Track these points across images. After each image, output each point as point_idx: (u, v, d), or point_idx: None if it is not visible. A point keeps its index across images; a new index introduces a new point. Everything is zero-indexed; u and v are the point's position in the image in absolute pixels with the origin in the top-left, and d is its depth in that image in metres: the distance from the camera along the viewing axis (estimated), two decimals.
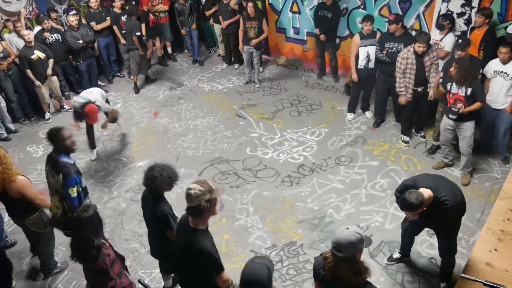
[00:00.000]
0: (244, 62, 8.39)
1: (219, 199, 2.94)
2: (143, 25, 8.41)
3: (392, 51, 6.04)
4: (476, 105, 4.93)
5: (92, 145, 6.63)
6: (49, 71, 7.54)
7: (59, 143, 3.99)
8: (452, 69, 4.92)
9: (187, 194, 2.82)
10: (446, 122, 5.27)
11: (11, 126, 7.51)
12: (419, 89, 5.83)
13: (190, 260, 2.95)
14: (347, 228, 2.57)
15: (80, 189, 4.01)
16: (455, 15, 6.25)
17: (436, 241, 4.58)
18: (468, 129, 5.13)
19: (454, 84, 5.00)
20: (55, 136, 3.99)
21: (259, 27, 7.62)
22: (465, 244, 4.57)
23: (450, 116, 5.09)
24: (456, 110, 4.97)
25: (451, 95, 5.06)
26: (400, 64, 5.73)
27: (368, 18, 6.29)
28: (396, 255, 4.48)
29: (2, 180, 3.86)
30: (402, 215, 4.93)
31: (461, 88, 4.93)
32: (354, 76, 6.66)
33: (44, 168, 4.13)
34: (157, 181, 3.46)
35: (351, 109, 7.11)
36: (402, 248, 4.42)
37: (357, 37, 6.44)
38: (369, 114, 7.07)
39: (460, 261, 4.36)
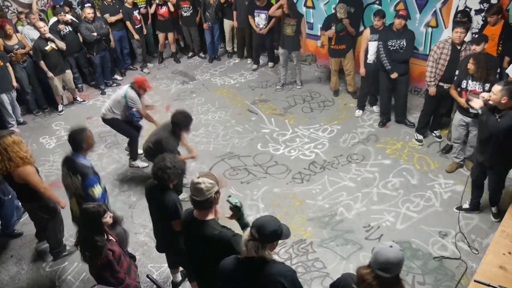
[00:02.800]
0: (280, 62, 8.08)
1: (222, 191, 2.96)
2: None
3: (395, 48, 5.94)
4: None
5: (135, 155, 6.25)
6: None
7: (82, 143, 3.99)
8: (470, 66, 4.81)
9: (197, 188, 2.78)
10: (460, 119, 5.19)
11: (20, 118, 7.59)
12: (445, 86, 5.61)
13: (211, 251, 2.89)
14: (391, 246, 2.34)
15: (100, 190, 4.02)
16: (473, 12, 6.13)
17: (448, 243, 4.54)
18: None
19: (470, 81, 4.91)
20: (79, 136, 3.99)
21: (298, 25, 7.41)
22: (478, 246, 4.49)
23: (474, 109, 4.95)
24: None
25: (467, 92, 4.96)
26: (434, 53, 5.55)
27: (378, 13, 6.22)
28: (466, 205, 4.93)
29: (5, 162, 3.95)
30: (414, 215, 4.90)
31: (479, 84, 4.85)
32: (362, 71, 6.59)
33: (61, 168, 4.11)
34: (170, 171, 3.49)
35: (360, 105, 7.05)
36: (472, 199, 4.87)
37: (367, 31, 6.36)
38: (376, 109, 7.03)
39: (472, 263, 4.29)
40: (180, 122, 4.98)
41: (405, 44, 5.85)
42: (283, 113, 7.24)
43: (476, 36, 5.34)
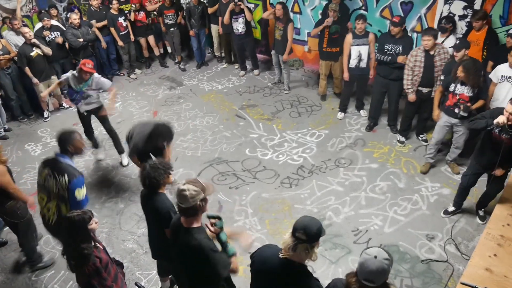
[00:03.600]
0: (273, 63, 8.25)
1: (210, 197, 2.93)
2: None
3: (391, 53, 6.01)
4: (480, 102, 5.04)
5: (95, 144, 6.57)
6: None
7: (71, 145, 3.94)
8: (459, 73, 4.89)
9: (182, 195, 2.77)
10: (445, 119, 5.28)
11: (5, 125, 7.51)
12: (424, 90, 5.77)
13: (192, 261, 2.90)
14: (376, 257, 2.35)
15: (85, 191, 3.95)
16: (456, 18, 6.23)
17: (435, 246, 4.58)
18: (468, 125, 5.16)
19: (459, 85, 5.01)
20: (69, 137, 3.95)
21: (284, 30, 7.46)
22: (464, 249, 4.53)
23: (462, 113, 5.06)
24: (467, 107, 5.00)
25: (455, 96, 5.07)
26: (409, 61, 5.69)
27: (361, 17, 6.30)
28: (451, 208, 5.00)
29: None
30: (401, 219, 4.94)
31: (467, 89, 4.96)
32: (346, 75, 6.67)
33: (40, 172, 3.97)
34: (156, 175, 3.48)
35: (342, 108, 7.14)
36: (458, 201, 4.92)
37: (349, 36, 6.44)
38: (363, 113, 7.09)
39: (459, 266, 4.33)
40: (163, 134, 4.91)
41: (401, 50, 5.89)
42: (271, 118, 7.26)
43: (458, 42, 5.44)
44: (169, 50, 9.99)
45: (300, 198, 5.43)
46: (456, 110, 5.08)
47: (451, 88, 5.09)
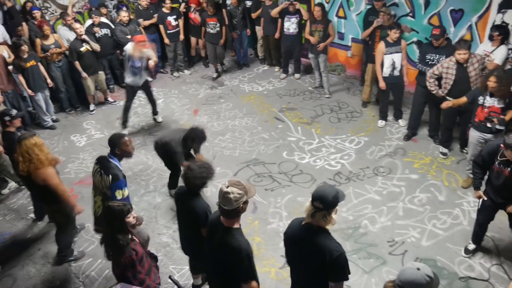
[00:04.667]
0: (313, 67, 8.22)
1: (252, 195, 2.98)
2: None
3: (433, 63, 5.85)
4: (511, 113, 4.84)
5: (125, 121, 7.30)
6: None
7: (121, 148, 4.05)
8: (491, 83, 4.71)
9: (226, 198, 2.79)
10: (478, 136, 5.08)
11: (53, 116, 7.83)
12: None
13: (225, 259, 2.93)
14: (418, 269, 2.34)
15: (127, 193, 4.06)
16: (510, 27, 5.98)
17: (475, 264, 4.41)
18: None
19: (488, 97, 4.83)
20: (117, 141, 4.06)
21: (325, 31, 7.46)
22: (508, 269, 4.34)
23: (498, 127, 4.85)
24: (502, 119, 4.79)
25: (485, 109, 4.89)
26: (436, 69, 5.57)
27: (397, 26, 6.25)
28: (471, 246, 4.55)
29: (26, 163, 4.09)
30: (440, 233, 4.79)
31: (497, 100, 4.78)
32: (382, 84, 6.55)
33: (93, 166, 4.16)
34: (201, 177, 3.57)
35: (383, 116, 7.02)
36: (476, 239, 4.50)
37: (382, 45, 6.35)
38: (402, 122, 6.93)
39: (500, 286, 4.15)
40: (195, 137, 5.21)
41: (444, 59, 5.73)
42: (310, 122, 7.22)
43: None
44: (202, 54, 9.90)
45: None
46: (489, 125, 4.88)
47: (480, 101, 4.91)
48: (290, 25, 8.18)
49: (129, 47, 6.77)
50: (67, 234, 4.71)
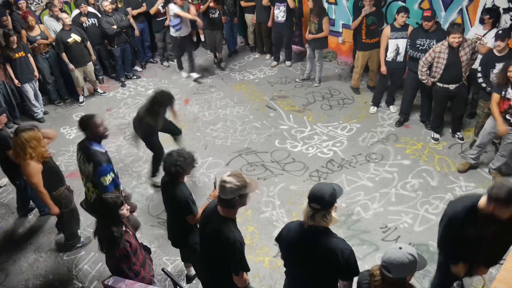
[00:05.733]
0: (307, 56, 8.11)
1: (254, 189, 2.91)
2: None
3: (424, 48, 5.82)
4: None
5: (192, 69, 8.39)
6: (94, 57, 7.83)
7: (92, 130, 3.93)
8: (511, 73, 4.63)
9: (222, 186, 2.77)
10: (493, 125, 5.01)
11: (42, 108, 7.72)
12: (451, 87, 5.59)
13: (217, 248, 2.92)
14: (400, 248, 2.39)
15: (114, 176, 4.00)
16: (501, 11, 5.95)
17: None
18: None
19: (509, 89, 4.75)
20: (87, 123, 3.93)
21: (319, 24, 7.37)
22: None
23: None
24: None
25: (506, 101, 4.82)
26: (429, 55, 5.53)
27: (405, 10, 6.11)
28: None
29: (18, 154, 4.03)
30: (432, 218, 4.81)
31: None
32: (383, 69, 6.49)
33: (76, 153, 4.12)
34: (181, 163, 3.51)
35: (375, 102, 6.99)
36: None
37: (387, 29, 6.27)
38: (393, 108, 6.92)
39: (492, 269, 4.18)
40: (160, 100, 5.16)
41: (435, 44, 5.68)
42: (302, 110, 7.19)
43: (500, 32, 5.19)
44: (202, 39, 9.98)
45: None
46: (508, 117, 4.82)
47: (502, 94, 4.83)
48: (279, 13, 8.09)
49: (173, 7, 7.79)
50: (70, 222, 4.66)
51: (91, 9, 8.19)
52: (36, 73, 7.25)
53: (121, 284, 3.22)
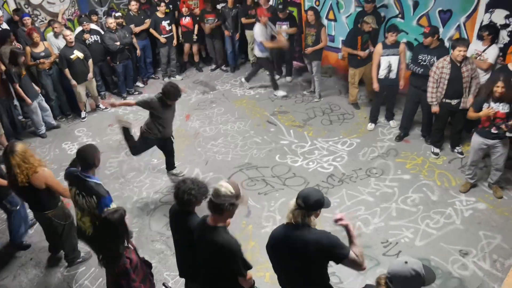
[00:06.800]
0: (309, 70, 8.22)
1: (241, 206, 2.98)
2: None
3: (425, 63, 5.88)
4: None
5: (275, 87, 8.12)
6: (90, 74, 7.83)
7: (94, 161, 3.82)
8: (498, 89, 4.68)
9: (216, 189, 2.84)
10: (481, 141, 5.06)
11: (53, 122, 7.79)
12: (453, 102, 5.64)
13: (215, 258, 2.92)
14: (406, 262, 2.41)
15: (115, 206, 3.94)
16: (499, 26, 6.03)
17: (468, 263, 4.41)
18: (506, 145, 4.99)
19: (492, 103, 4.81)
20: (90, 155, 3.81)
21: (317, 36, 7.49)
22: (500, 267, 4.36)
23: (508, 133, 4.84)
24: (509, 127, 4.76)
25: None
26: (434, 73, 5.57)
27: (394, 29, 6.24)
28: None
29: (24, 172, 4.00)
30: (433, 232, 4.81)
31: (503, 105, 4.76)
32: (376, 86, 6.57)
33: (70, 189, 3.94)
34: (195, 192, 3.24)
35: (372, 119, 7.02)
36: None
37: (379, 46, 6.37)
38: (393, 124, 6.95)
39: (494, 284, 4.17)
40: (166, 92, 5.25)
41: (435, 60, 5.74)
42: (302, 125, 7.23)
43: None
44: (203, 55, 10.11)
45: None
46: (494, 130, 4.87)
47: (485, 107, 4.88)
48: (282, 32, 8.21)
49: (258, 31, 7.74)
50: (70, 236, 4.63)
51: (94, 26, 8.31)
52: (37, 88, 7.32)
53: None
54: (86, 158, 3.80)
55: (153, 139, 5.58)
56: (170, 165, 6.13)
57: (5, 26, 7.63)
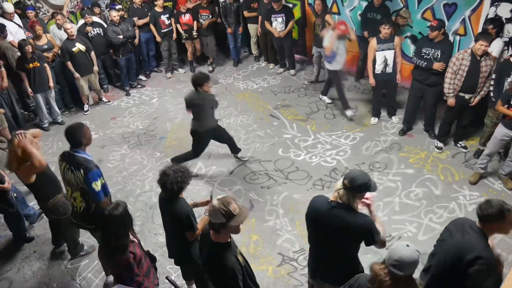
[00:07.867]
0: (313, 60, 8.24)
1: (240, 222, 2.77)
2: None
3: (429, 57, 5.84)
4: None
5: (345, 105, 7.12)
6: (96, 67, 7.85)
7: (83, 138, 3.89)
8: None
9: (210, 209, 2.74)
10: (504, 133, 5.02)
11: (59, 117, 7.81)
12: (466, 96, 5.56)
13: (212, 273, 2.94)
14: (408, 246, 2.44)
15: (104, 181, 3.92)
16: (504, 20, 5.98)
17: None
18: None
19: None
20: (78, 132, 3.88)
21: (323, 24, 7.43)
22: (503, 262, 4.34)
23: None
24: None
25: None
26: (453, 64, 5.46)
27: (386, 22, 6.18)
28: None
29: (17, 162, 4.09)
30: (436, 227, 4.80)
31: None
32: (372, 81, 6.53)
33: (59, 164, 3.99)
34: (177, 180, 3.39)
35: (376, 113, 6.99)
36: None
37: (374, 41, 6.31)
38: (395, 119, 6.91)
39: None
40: (197, 80, 5.35)
41: (439, 54, 5.70)
42: (305, 119, 7.21)
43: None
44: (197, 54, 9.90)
45: None
46: None
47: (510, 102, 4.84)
48: (277, 25, 8.18)
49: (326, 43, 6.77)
50: (71, 230, 4.62)
51: (96, 19, 8.28)
52: (51, 83, 7.29)
53: None
54: (73, 136, 3.88)
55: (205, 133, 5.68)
56: (233, 148, 6.26)
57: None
